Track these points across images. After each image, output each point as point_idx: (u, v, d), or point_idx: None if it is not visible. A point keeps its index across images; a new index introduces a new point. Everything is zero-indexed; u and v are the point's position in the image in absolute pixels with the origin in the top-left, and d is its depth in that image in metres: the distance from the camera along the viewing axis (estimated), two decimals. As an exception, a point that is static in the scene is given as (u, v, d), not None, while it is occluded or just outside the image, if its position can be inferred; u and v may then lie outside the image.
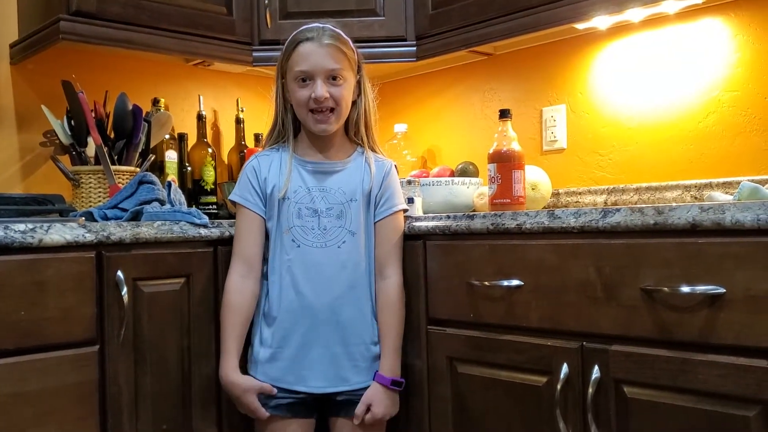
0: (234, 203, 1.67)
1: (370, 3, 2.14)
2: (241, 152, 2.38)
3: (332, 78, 1.60)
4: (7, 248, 1.38)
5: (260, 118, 2.43)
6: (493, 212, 1.55)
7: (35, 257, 1.41)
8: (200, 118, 2.32)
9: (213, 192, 2.29)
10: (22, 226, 1.41)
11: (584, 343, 1.39)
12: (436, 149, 2.55)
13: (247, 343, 1.64)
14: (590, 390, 1.36)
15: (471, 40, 2.01)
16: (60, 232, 1.44)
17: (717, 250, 1.22)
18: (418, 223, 1.67)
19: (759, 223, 1.16)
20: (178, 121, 2.31)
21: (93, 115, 1.90)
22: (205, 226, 1.66)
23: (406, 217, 1.71)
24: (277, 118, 1.71)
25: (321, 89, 1.58)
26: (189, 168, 2.26)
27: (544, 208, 2.15)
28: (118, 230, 1.53)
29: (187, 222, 1.64)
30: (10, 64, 2.04)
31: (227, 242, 1.68)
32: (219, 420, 1.65)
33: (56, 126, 1.90)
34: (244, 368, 1.62)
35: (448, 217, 1.62)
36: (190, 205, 2.24)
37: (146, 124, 1.97)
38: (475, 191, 2.19)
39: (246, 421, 1.65)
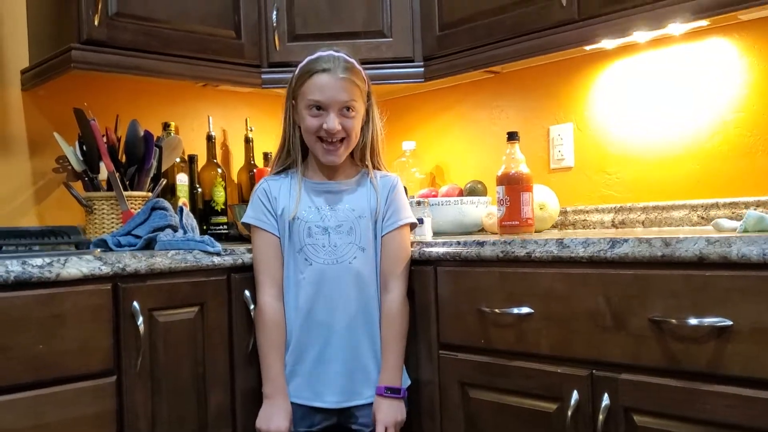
0: (249, 226, 1.70)
1: (378, 24, 2.16)
2: (250, 172, 2.41)
3: (345, 109, 1.62)
4: (25, 283, 1.40)
5: (269, 136, 2.46)
6: (502, 239, 1.57)
7: (53, 291, 1.44)
8: (210, 138, 2.34)
9: (224, 212, 2.31)
10: (39, 261, 1.43)
11: (594, 371, 1.41)
12: (445, 166, 2.57)
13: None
14: (600, 417, 1.38)
15: (479, 62, 2.03)
16: (77, 266, 1.47)
17: (724, 283, 1.24)
18: (428, 249, 1.69)
19: (765, 258, 1.18)
20: (188, 141, 2.34)
21: (105, 141, 1.93)
22: (218, 254, 1.68)
23: (417, 243, 1.73)
24: (286, 140, 1.73)
25: (333, 122, 1.61)
26: (199, 189, 2.28)
27: (552, 227, 2.17)
28: (134, 261, 1.55)
29: (201, 251, 1.67)
30: (22, 91, 2.07)
31: (240, 269, 1.71)
32: (234, 445, 1.69)
33: (68, 153, 1.92)
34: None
35: (458, 243, 1.64)
36: (201, 226, 2.28)
37: (157, 150, 1.99)
38: (484, 210, 2.21)
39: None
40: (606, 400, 1.38)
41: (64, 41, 1.88)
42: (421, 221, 2.09)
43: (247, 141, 2.43)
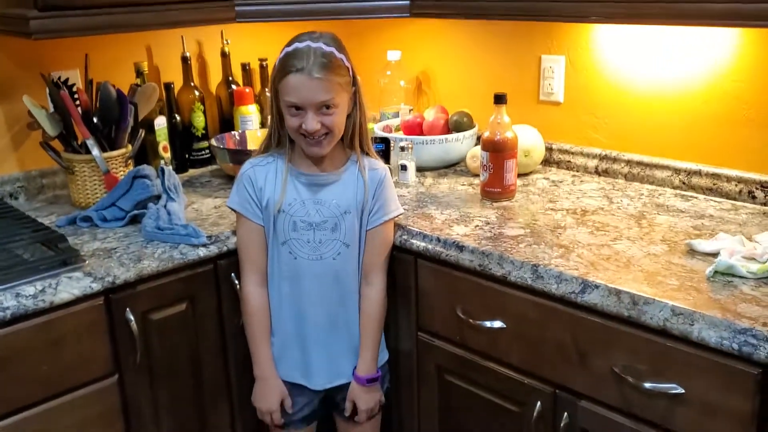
0: (234, 211, 1.71)
1: (360, -49, 1.97)
2: (229, 89, 2.33)
3: (325, 107, 1.56)
4: (22, 317, 1.47)
5: (246, 46, 2.36)
6: (481, 250, 1.59)
7: (49, 318, 1.50)
8: (185, 60, 2.23)
9: (204, 137, 2.28)
10: (31, 289, 1.48)
11: (557, 391, 1.54)
12: (431, 72, 2.47)
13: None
14: (561, 426, 1.54)
15: (469, 11, 1.88)
16: (68, 288, 1.52)
17: (682, 356, 1.31)
18: (410, 240, 1.73)
19: (722, 346, 1.25)
20: (163, 66, 2.23)
21: (77, 104, 1.86)
22: (204, 245, 1.72)
23: (398, 227, 1.76)
24: (272, 128, 1.68)
25: (312, 122, 1.55)
26: (178, 118, 2.22)
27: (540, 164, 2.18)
28: (122, 271, 1.59)
29: (186, 244, 1.70)
30: (-20, 32, 1.93)
31: (226, 256, 1.76)
32: (231, 413, 1.86)
33: (41, 118, 1.85)
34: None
35: (438, 240, 1.68)
36: (183, 155, 2.26)
37: (133, 107, 1.92)
38: (470, 144, 2.20)
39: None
40: (566, 419, 1.52)
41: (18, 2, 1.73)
42: (404, 168, 2.10)
43: (224, 55, 2.32)
